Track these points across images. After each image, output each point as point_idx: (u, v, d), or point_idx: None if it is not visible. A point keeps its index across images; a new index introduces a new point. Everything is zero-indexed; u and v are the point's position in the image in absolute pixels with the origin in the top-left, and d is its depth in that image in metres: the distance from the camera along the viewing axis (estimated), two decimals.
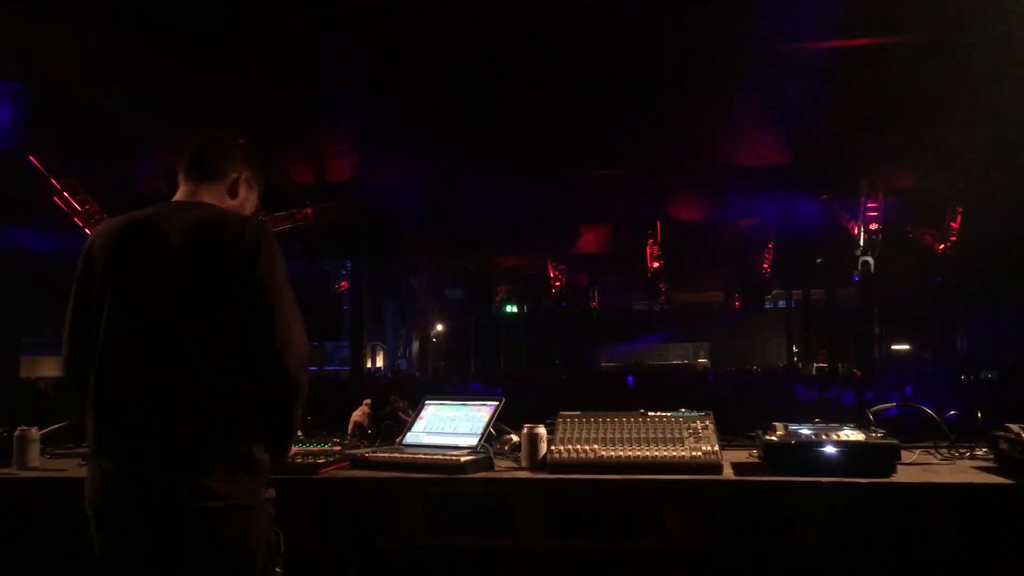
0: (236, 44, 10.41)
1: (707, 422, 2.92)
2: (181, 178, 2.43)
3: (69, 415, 2.40)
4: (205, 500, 2.09)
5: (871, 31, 10.09)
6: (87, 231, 13.99)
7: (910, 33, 10.05)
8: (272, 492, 2.27)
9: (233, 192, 2.45)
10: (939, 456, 2.97)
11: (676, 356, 35.70)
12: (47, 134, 12.80)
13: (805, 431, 2.79)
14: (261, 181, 2.56)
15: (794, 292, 29.50)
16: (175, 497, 2.09)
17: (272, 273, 2.20)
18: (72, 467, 3.05)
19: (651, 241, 20.26)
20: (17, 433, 3.03)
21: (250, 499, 2.17)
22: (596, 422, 2.97)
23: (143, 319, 2.18)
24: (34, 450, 3.05)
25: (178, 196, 2.41)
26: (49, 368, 24.12)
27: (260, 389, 2.19)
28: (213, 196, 2.40)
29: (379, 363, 35.73)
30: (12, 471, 2.98)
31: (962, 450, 3.00)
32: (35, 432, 3.05)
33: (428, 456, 2.85)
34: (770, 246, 22.40)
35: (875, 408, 3.01)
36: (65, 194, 13.81)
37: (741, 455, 3.02)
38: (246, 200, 2.49)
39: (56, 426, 3.36)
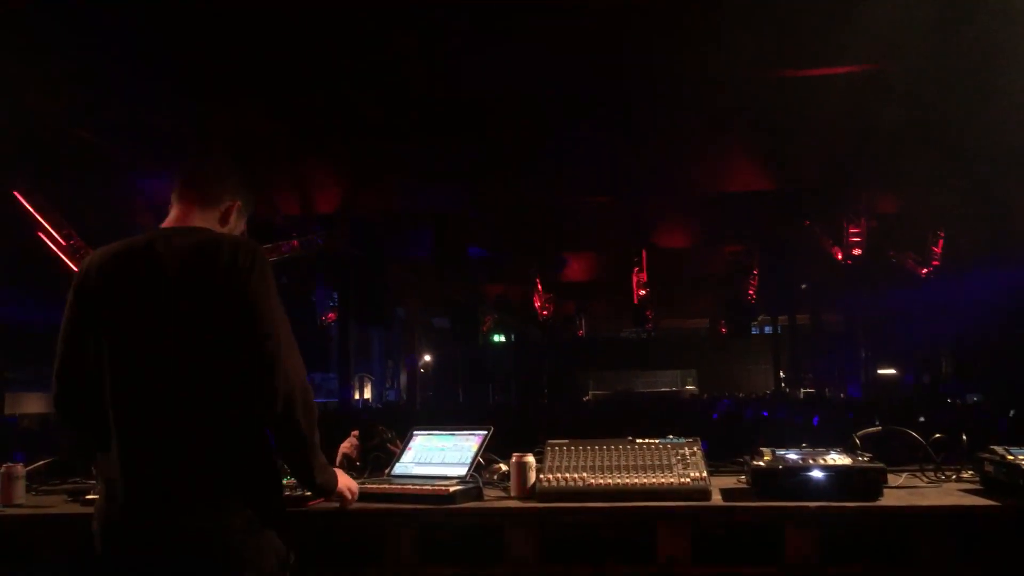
0: (224, 74, 10.46)
1: (695, 448, 2.93)
2: (174, 198, 2.41)
3: (58, 452, 2.40)
4: (223, 522, 2.13)
5: (854, 59, 10.22)
6: (70, 264, 13.94)
7: (893, 60, 10.17)
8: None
9: (225, 220, 2.43)
10: (926, 479, 2.99)
11: (664, 383, 35.72)
12: (30, 168, 12.77)
13: (792, 456, 2.81)
14: (252, 208, 2.55)
15: (780, 318, 29.65)
16: (194, 522, 2.11)
17: (265, 300, 2.22)
18: (58, 503, 3.03)
19: (637, 268, 20.30)
20: (2, 470, 3.00)
21: (266, 517, 2.22)
22: (584, 450, 2.98)
23: (149, 350, 2.19)
24: (19, 487, 3.02)
25: (170, 220, 2.39)
26: (33, 404, 23.92)
27: (268, 424, 2.25)
28: (206, 222, 2.38)
29: (367, 394, 35.58)
30: None
31: (948, 473, 3.02)
32: (21, 468, 3.03)
33: (417, 487, 2.84)
34: (755, 272, 22.50)
35: (861, 432, 3.03)
36: (49, 228, 13.76)
37: (729, 481, 3.03)
38: (235, 228, 2.47)
39: (42, 462, 3.34)
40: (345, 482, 2.59)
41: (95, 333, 2.23)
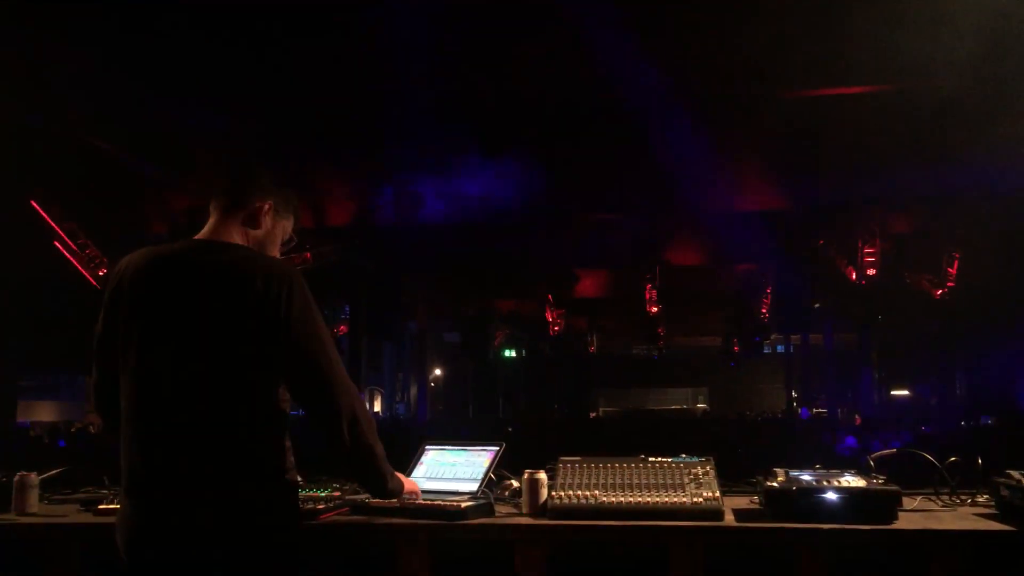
0: (238, 87, 10.51)
1: (708, 468, 2.91)
2: (210, 208, 2.43)
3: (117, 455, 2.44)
4: (241, 530, 2.18)
5: (868, 79, 10.22)
6: (85, 272, 14.02)
7: (905, 80, 10.16)
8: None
9: (254, 222, 2.41)
10: (940, 503, 2.96)
11: (675, 401, 35.63)
12: (47, 177, 12.85)
13: (806, 477, 2.79)
14: (292, 208, 2.55)
15: (793, 337, 29.54)
16: (212, 528, 2.15)
17: (310, 324, 2.25)
18: (71, 512, 3.03)
19: (649, 285, 20.26)
20: (16, 479, 3.01)
21: (287, 521, 2.31)
22: (596, 467, 2.96)
23: (174, 363, 2.20)
24: (33, 496, 3.03)
25: (205, 231, 2.39)
26: (45, 413, 24.05)
27: (336, 445, 2.28)
28: (236, 229, 2.38)
29: (376, 407, 35.57)
30: (11, 517, 2.96)
31: (963, 497, 2.99)
32: (34, 477, 3.04)
33: (428, 502, 2.83)
34: (768, 291, 22.44)
35: (876, 454, 3.00)
36: (65, 237, 13.85)
37: (742, 501, 3.00)
38: (272, 230, 2.46)
39: (55, 471, 3.35)
40: (409, 485, 2.71)
41: (124, 337, 2.25)
